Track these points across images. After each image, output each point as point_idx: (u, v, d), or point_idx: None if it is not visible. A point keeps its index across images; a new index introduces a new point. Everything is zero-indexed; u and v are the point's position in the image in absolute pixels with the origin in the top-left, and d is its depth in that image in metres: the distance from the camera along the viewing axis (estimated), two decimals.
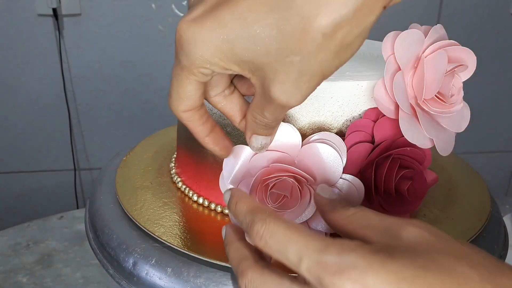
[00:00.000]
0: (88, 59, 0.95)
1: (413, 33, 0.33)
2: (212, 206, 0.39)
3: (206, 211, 0.39)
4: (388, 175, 0.33)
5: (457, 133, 0.36)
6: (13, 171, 1.03)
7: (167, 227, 0.37)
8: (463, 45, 0.34)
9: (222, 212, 0.39)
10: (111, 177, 0.46)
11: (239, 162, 0.32)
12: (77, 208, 1.06)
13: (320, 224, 0.33)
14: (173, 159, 0.48)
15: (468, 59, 0.34)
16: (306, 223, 0.33)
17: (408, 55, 0.33)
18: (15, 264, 0.66)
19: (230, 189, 0.29)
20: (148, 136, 0.56)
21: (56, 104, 0.97)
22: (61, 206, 1.04)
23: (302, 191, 0.32)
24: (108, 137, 1.02)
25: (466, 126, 0.36)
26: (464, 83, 0.35)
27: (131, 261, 0.35)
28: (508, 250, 0.41)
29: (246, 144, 0.31)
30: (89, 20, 0.92)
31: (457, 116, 0.35)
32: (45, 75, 0.95)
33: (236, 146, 0.32)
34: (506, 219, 0.70)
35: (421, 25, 0.34)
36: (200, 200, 0.40)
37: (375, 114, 0.34)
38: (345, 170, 0.33)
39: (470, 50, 0.34)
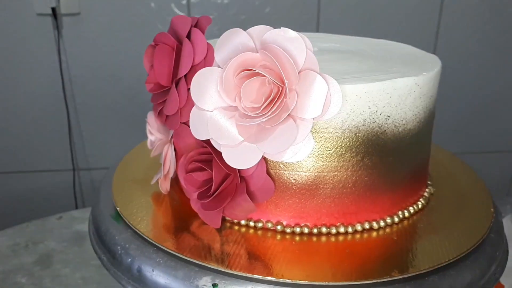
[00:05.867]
0: (87, 58, 0.94)
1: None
2: None
3: None
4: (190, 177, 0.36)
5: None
6: (12, 171, 1.02)
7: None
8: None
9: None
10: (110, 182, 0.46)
11: None
12: (76, 208, 1.05)
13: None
14: None
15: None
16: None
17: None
18: (14, 265, 0.66)
19: None
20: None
21: (55, 104, 0.97)
22: (60, 207, 1.04)
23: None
24: (107, 137, 1.01)
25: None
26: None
27: (135, 263, 0.35)
28: (509, 249, 0.41)
29: None
30: (89, 20, 0.91)
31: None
32: (44, 75, 0.94)
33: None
34: (507, 219, 0.70)
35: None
36: None
37: None
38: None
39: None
